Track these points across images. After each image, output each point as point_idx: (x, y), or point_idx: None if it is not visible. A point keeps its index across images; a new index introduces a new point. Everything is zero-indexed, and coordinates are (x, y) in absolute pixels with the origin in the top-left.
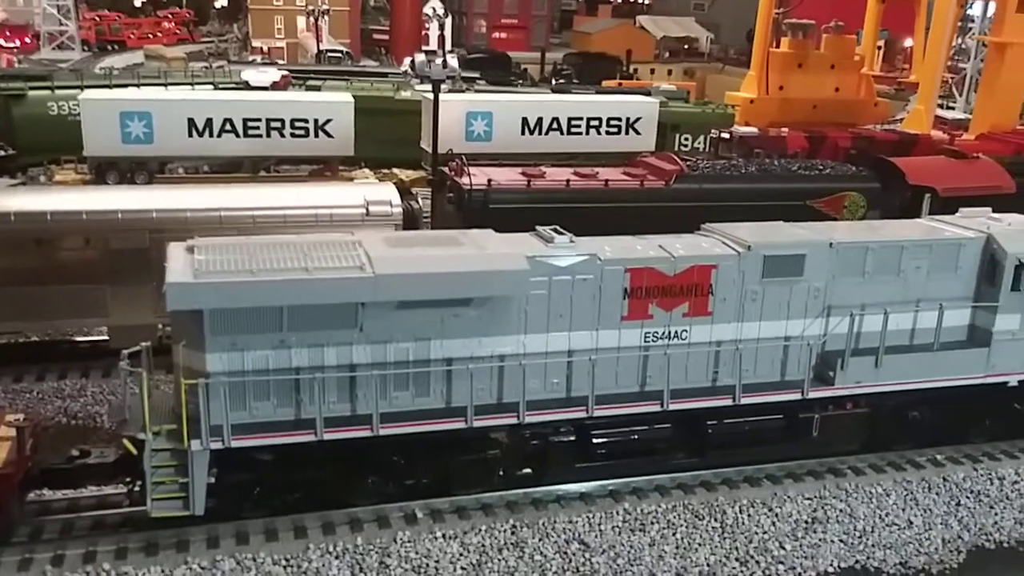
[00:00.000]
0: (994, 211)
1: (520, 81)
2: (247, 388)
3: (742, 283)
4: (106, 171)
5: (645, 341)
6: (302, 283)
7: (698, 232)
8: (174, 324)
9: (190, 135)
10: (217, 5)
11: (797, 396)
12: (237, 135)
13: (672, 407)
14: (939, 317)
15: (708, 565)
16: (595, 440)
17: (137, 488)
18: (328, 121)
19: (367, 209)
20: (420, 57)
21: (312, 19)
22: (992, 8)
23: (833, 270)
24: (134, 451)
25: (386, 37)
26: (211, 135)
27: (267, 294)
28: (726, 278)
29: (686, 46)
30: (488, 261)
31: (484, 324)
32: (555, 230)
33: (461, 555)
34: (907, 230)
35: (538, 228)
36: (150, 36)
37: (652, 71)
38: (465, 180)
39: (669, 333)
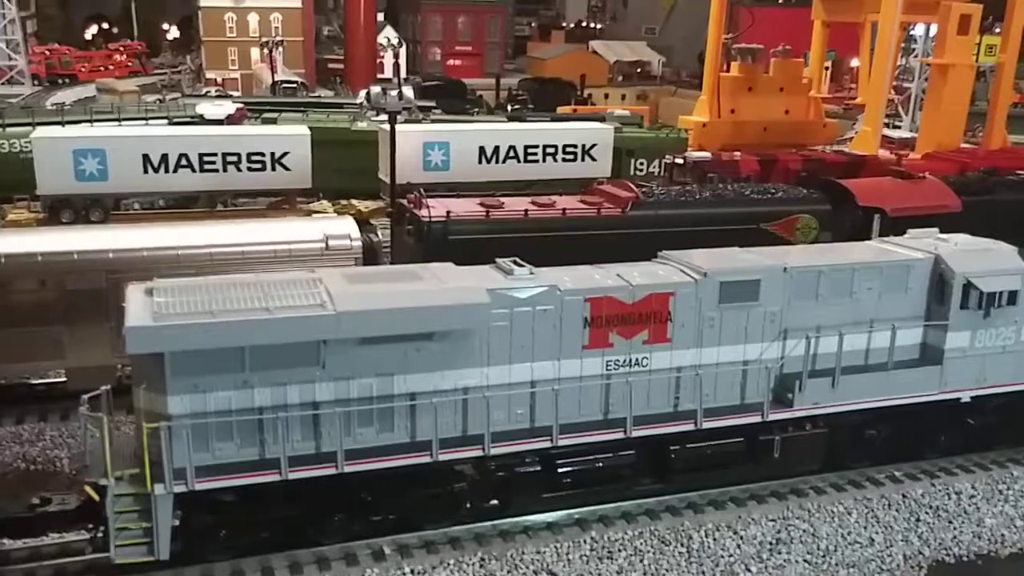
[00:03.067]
0: (941, 230)
1: (476, 108)
2: (210, 429)
3: (700, 309)
4: (60, 209)
5: (607, 369)
6: (263, 323)
7: (655, 260)
8: (134, 367)
9: (145, 171)
10: (169, 37)
11: (757, 419)
12: (193, 170)
13: (635, 434)
14: (892, 337)
15: None
16: (560, 469)
17: (100, 534)
18: (285, 154)
19: (326, 243)
20: (376, 89)
21: (266, 50)
22: (934, 29)
23: (788, 294)
24: (96, 497)
25: (341, 66)
26: (167, 170)
27: (228, 335)
28: (684, 305)
29: (639, 70)
30: (449, 295)
31: (447, 357)
32: (515, 262)
33: None
34: (858, 253)
35: (498, 260)
36: (101, 69)
37: (606, 95)
38: (424, 212)
39: (630, 361)
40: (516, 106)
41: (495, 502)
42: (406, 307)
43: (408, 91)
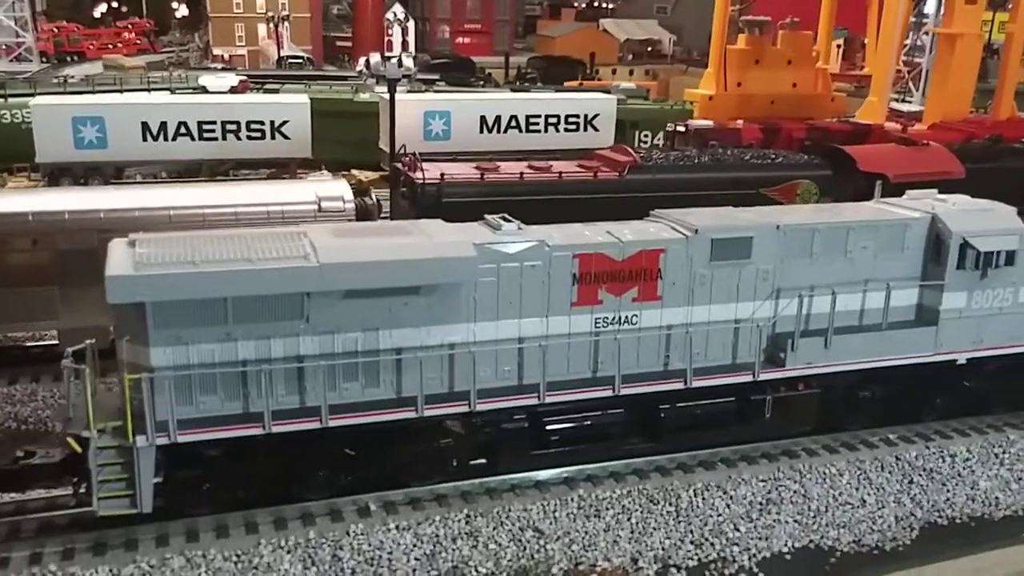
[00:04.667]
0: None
1: (481, 82)
2: (193, 382)
3: (691, 267)
4: (60, 177)
5: (595, 327)
6: (245, 274)
7: (647, 218)
8: (117, 319)
9: (144, 139)
10: (178, 15)
11: (748, 378)
12: (192, 138)
13: (624, 392)
14: (886, 297)
15: (663, 549)
16: (548, 427)
17: (84, 488)
18: (284, 123)
19: (319, 205)
20: (375, 57)
21: (272, 25)
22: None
23: (781, 252)
24: (79, 449)
25: (349, 44)
26: (166, 138)
27: (210, 285)
28: (674, 262)
29: (649, 48)
30: (435, 249)
31: (433, 313)
32: (503, 218)
33: (415, 546)
34: (854, 212)
35: (487, 216)
36: (110, 47)
37: (613, 71)
38: (418, 175)
39: (619, 318)
40: (525, 84)
41: (483, 460)
42: (390, 260)
43: (408, 60)
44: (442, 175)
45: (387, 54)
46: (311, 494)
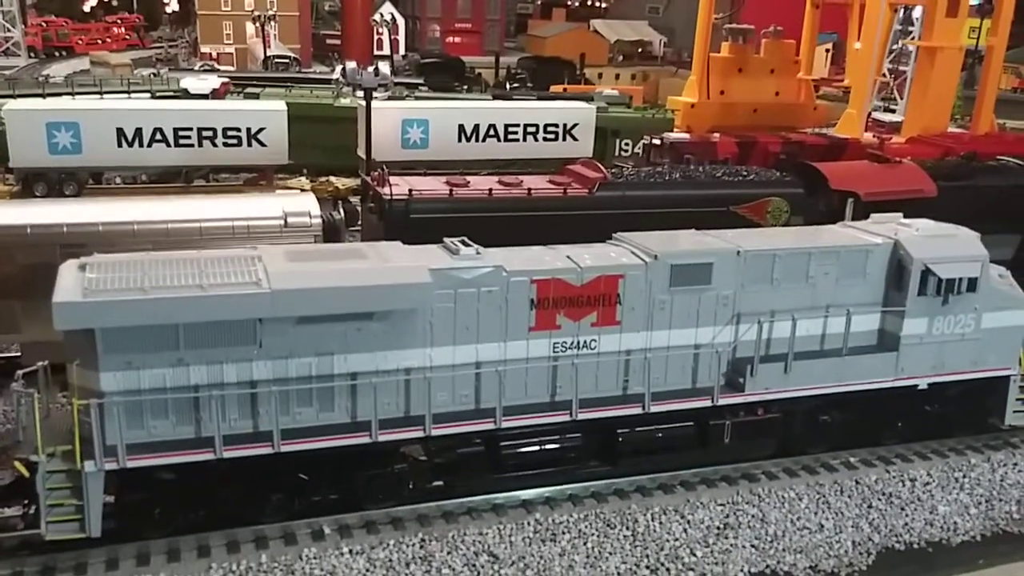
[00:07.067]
0: (917, 215)
1: (464, 87)
2: (144, 407)
3: (649, 292)
4: (34, 182)
5: (554, 351)
6: (196, 300)
7: (609, 242)
8: (68, 343)
9: (119, 145)
10: (168, 10)
11: (707, 403)
12: (168, 144)
13: (581, 416)
14: (847, 322)
15: (619, 573)
16: (505, 451)
17: (32, 510)
18: (261, 129)
19: (285, 220)
20: (351, 64)
21: (258, 24)
22: None
23: (741, 278)
24: (26, 474)
25: (339, 42)
26: (141, 144)
27: (159, 312)
28: (633, 287)
29: (640, 49)
30: (389, 275)
31: (389, 338)
32: (462, 242)
33: (368, 571)
34: (815, 237)
35: (445, 240)
36: (99, 42)
37: (600, 75)
38: (386, 190)
39: (578, 343)
40: (515, 84)
41: (439, 483)
42: (343, 286)
43: (384, 67)
44: (410, 191)
45: (376, 53)
46: (265, 518)
